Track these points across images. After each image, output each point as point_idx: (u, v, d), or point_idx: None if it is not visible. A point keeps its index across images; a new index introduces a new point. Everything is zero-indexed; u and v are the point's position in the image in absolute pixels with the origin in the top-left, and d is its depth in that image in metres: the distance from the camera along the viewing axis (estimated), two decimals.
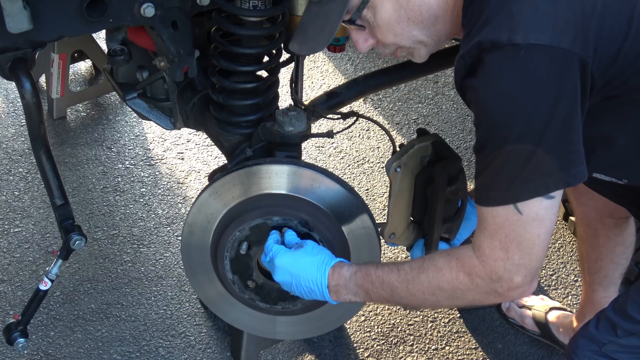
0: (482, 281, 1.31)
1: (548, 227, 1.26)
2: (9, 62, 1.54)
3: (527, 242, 1.26)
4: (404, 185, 1.71)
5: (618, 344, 1.50)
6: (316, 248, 1.58)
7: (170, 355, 2.23)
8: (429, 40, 1.41)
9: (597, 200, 1.92)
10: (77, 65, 3.40)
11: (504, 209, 1.25)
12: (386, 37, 1.40)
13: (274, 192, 1.69)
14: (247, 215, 1.69)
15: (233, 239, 1.70)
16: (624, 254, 2.10)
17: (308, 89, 3.47)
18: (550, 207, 1.24)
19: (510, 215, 1.25)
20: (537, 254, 1.27)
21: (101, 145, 3.04)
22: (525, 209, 1.23)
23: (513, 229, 1.25)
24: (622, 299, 1.53)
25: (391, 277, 1.42)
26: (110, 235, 2.63)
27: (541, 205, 1.23)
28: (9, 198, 2.74)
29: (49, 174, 1.69)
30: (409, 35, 1.39)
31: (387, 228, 1.78)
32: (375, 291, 1.45)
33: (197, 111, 1.95)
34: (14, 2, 1.38)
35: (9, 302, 2.35)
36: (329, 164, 3.02)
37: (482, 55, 1.20)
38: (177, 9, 1.62)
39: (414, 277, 1.39)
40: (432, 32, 1.39)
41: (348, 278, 1.49)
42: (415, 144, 1.67)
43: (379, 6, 1.35)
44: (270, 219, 1.67)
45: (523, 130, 1.19)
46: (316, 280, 1.51)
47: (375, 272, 1.45)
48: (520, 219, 1.24)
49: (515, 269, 1.28)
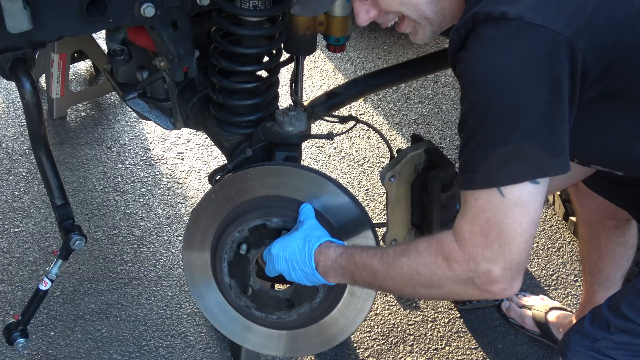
0: (460, 267, 1.27)
1: (531, 217, 1.22)
2: (9, 62, 1.54)
3: (508, 230, 1.21)
4: (400, 193, 1.71)
5: (611, 340, 1.50)
6: (311, 228, 1.53)
7: (170, 355, 2.23)
8: (435, 17, 1.39)
9: (599, 202, 1.92)
10: (77, 65, 3.40)
11: (486, 191, 1.21)
12: (391, 5, 1.38)
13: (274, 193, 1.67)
14: (246, 217, 1.67)
15: (232, 240, 1.68)
16: (625, 256, 2.10)
17: (308, 89, 3.47)
18: (534, 193, 1.20)
19: (492, 198, 1.21)
20: (518, 245, 1.22)
21: (101, 145, 3.04)
22: (508, 192, 1.20)
23: (494, 212, 1.22)
24: (617, 297, 1.53)
25: (374, 260, 1.40)
26: (110, 235, 2.63)
27: (524, 189, 1.20)
28: (9, 198, 2.74)
29: (49, 174, 1.69)
30: (415, 7, 1.37)
31: (388, 235, 1.78)
32: (359, 274, 1.43)
33: (197, 111, 1.95)
34: (14, 2, 1.38)
35: (9, 302, 2.35)
36: (328, 164, 3.02)
37: (476, 27, 1.21)
38: (177, 9, 1.62)
39: (394, 260, 1.36)
40: (439, 10, 1.37)
41: (334, 259, 1.46)
42: (408, 153, 1.68)
43: None
44: (269, 220, 1.65)
45: (504, 107, 1.18)
46: (305, 261, 1.48)
47: (360, 255, 1.43)
48: (502, 202, 1.20)
49: (494, 257, 1.23)
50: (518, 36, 1.17)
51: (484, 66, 1.20)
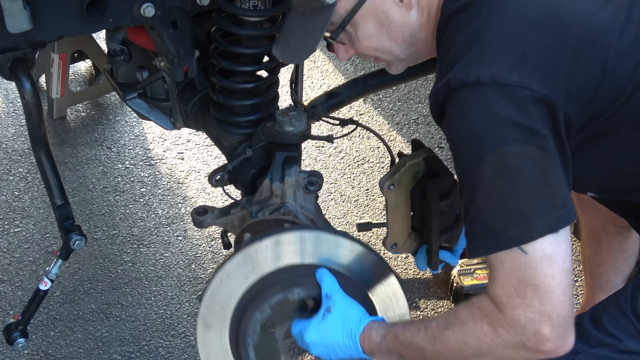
0: (506, 332, 1.21)
1: (561, 266, 1.17)
2: (9, 62, 1.55)
3: (543, 285, 1.17)
4: (400, 200, 1.71)
5: (591, 354, 1.47)
6: (344, 308, 1.47)
7: (170, 355, 2.23)
8: (409, 57, 1.44)
9: (599, 209, 1.91)
10: (77, 65, 3.40)
11: (508, 252, 1.18)
12: (366, 51, 1.43)
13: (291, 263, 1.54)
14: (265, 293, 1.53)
15: (254, 322, 1.52)
16: (626, 262, 2.10)
17: (308, 89, 3.47)
18: (556, 242, 1.17)
19: (516, 257, 1.18)
20: (558, 297, 1.17)
21: (101, 145, 3.04)
22: (529, 248, 1.16)
23: (523, 271, 1.18)
24: (600, 308, 1.51)
25: (418, 337, 1.36)
26: (110, 235, 2.63)
27: (544, 241, 1.16)
28: (9, 198, 2.74)
29: (49, 174, 1.69)
30: (389, 52, 1.42)
31: (389, 240, 1.78)
32: (407, 353, 1.39)
33: (197, 111, 1.95)
34: (14, 2, 1.38)
35: (9, 302, 2.35)
36: (328, 164, 3.02)
37: (452, 94, 1.20)
38: (177, 9, 1.62)
39: (439, 335, 1.31)
40: (412, 51, 1.41)
41: (379, 342, 1.42)
42: (407, 162, 1.67)
43: (360, 24, 1.36)
44: (291, 292, 1.52)
45: (495, 171, 1.16)
46: (351, 348, 1.45)
47: (403, 333, 1.38)
48: (527, 259, 1.17)
49: (538, 317, 1.17)
50: (494, 99, 1.15)
51: (465, 134, 1.19)
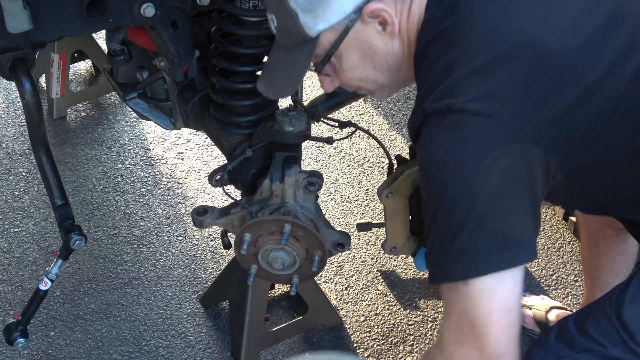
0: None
1: (503, 303, 1.14)
2: (9, 62, 1.55)
3: (480, 321, 1.13)
4: (398, 206, 1.72)
5: (574, 358, 1.47)
6: None
7: (170, 355, 2.23)
8: (392, 84, 1.44)
9: None
10: (77, 65, 3.40)
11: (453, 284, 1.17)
12: (351, 82, 1.43)
13: None
14: None
15: None
16: (624, 264, 2.09)
17: (308, 89, 3.47)
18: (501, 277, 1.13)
19: (460, 289, 1.16)
20: (494, 335, 1.14)
21: (101, 145, 3.04)
22: (471, 282, 1.14)
23: (463, 304, 1.15)
24: (585, 312, 1.50)
25: None
26: (110, 235, 2.63)
27: (487, 277, 1.13)
28: (9, 198, 2.74)
29: (49, 174, 1.70)
30: (374, 81, 1.42)
31: (388, 243, 1.79)
32: None
33: (197, 111, 1.95)
34: (14, 2, 1.38)
35: (9, 302, 2.35)
36: (328, 164, 3.02)
37: (426, 119, 1.21)
38: (177, 9, 1.62)
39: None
40: (397, 78, 1.42)
41: None
42: (405, 170, 1.68)
43: (344, 55, 1.36)
44: None
45: (454, 200, 1.15)
46: None
47: None
48: (468, 292, 1.14)
49: (470, 353, 1.15)
50: (463, 127, 1.15)
51: (431, 158, 1.19)
